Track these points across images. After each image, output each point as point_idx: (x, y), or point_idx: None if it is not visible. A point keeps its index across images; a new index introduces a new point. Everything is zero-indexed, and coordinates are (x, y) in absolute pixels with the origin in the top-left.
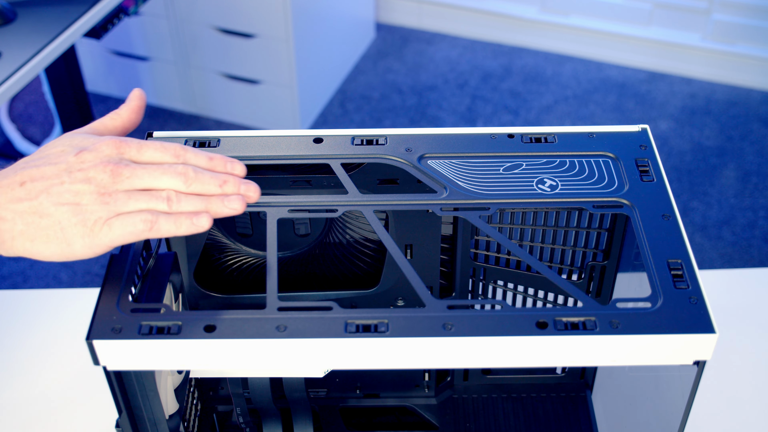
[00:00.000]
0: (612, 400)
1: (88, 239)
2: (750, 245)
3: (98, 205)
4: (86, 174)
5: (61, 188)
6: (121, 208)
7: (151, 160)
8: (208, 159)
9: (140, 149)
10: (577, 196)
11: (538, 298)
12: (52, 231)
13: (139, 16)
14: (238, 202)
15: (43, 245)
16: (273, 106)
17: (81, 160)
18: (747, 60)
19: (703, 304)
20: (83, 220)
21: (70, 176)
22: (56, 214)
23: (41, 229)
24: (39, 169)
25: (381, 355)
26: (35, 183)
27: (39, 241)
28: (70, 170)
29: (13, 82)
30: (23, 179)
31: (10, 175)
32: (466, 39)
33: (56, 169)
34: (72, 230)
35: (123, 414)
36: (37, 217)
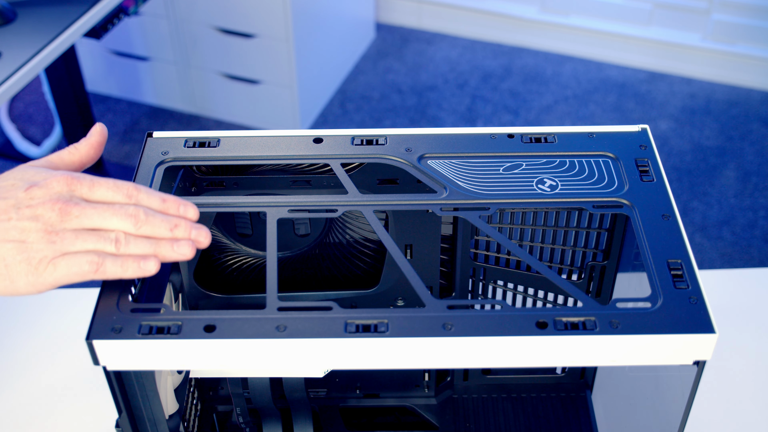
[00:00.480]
0: (612, 400)
1: (32, 277)
2: (750, 245)
3: (44, 244)
4: (34, 211)
5: (7, 224)
6: (68, 247)
7: (103, 199)
8: (161, 201)
9: (92, 187)
10: (577, 196)
11: (538, 298)
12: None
13: (139, 16)
14: (187, 248)
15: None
16: (273, 106)
17: (30, 196)
18: (747, 60)
19: (703, 304)
20: (28, 258)
21: (17, 212)
22: (1, 251)
23: None
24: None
25: (381, 355)
26: None
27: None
28: (18, 206)
29: (13, 82)
30: None
31: None
32: (466, 39)
33: (4, 204)
34: (16, 268)
35: (123, 414)
36: None
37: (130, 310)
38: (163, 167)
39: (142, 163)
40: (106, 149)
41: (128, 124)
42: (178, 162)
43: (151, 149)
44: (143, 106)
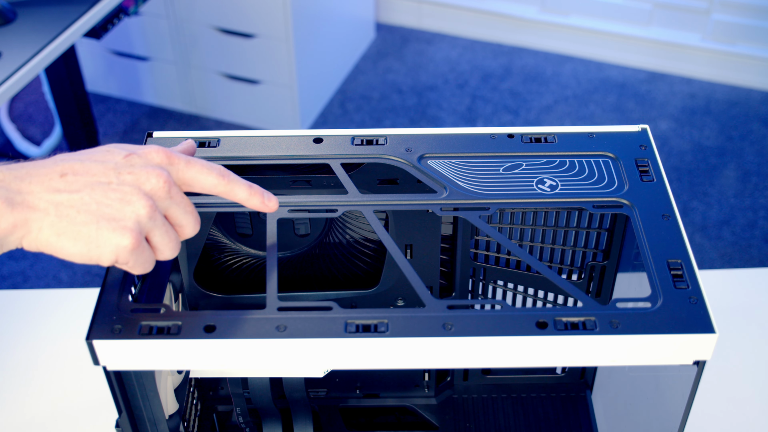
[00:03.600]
0: (612, 400)
1: (113, 244)
2: (750, 245)
3: (141, 211)
4: (136, 177)
5: (107, 187)
6: (152, 228)
7: (194, 179)
8: (248, 188)
9: (188, 164)
10: (577, 196)
11: (538, 298)
12: (86, 229)
13: (139, 16)
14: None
15: (70, 242)
16: (273, 106)
17: (130, 162)
18: (747, 60)
19: (703, 304)
20: (123, 226)
21: (118, 176)
22: (96, 212)
23: (74, 225)
24: (83, 164)
25: (381, 355)
26: (78, 177)
27: (67, 236)
28: (118, 170)
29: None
30: (64, 171)
31: (49, 165)
32: (466, 39)
33: (103, 167)
34: (107, 234)
35: (123, 414)
36: (74, 211)
37: (130, 310)
38: None
39: None
40: None
41: (128, 124)
42: None
43: None
44: (143, 106)
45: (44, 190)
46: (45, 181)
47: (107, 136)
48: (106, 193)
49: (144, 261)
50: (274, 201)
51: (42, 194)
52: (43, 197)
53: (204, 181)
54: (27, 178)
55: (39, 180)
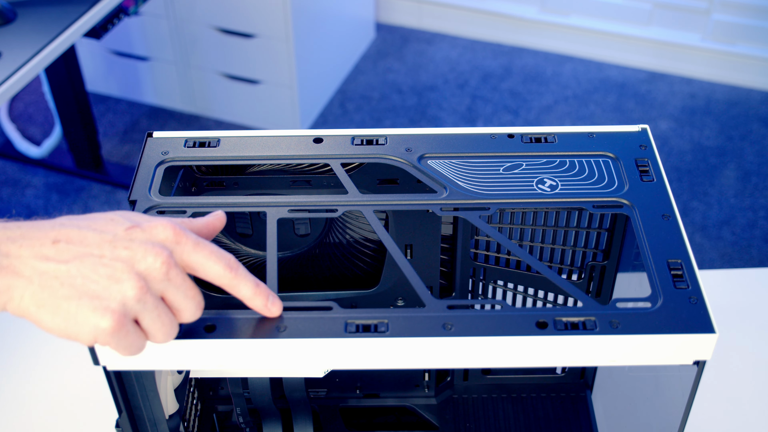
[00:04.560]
0: (612, 400)
1: (92, 325)
2: (750, 245)
3: (129, 293)
4: (132, 253)
5: (98, 261)
6: (142, 313)
7: (199, 265)
8: (255, 286)
9: (195, 247)
10: (577, 196)
11: (538, 298)
12: (66, 304)
13: (139, 16)
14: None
15: (49, 315)
16: (273, 106)
17: (130, 236)
18: (747, 60)
19: (703, 304)
20: (106, 306)
21: (113, 250)
22: (81, 287)
23: (55, 298)
24: (80, 232)
25: (381, 355)
26: (70, 246)
27: (46, 309)
28: (114, 243)
29: (13, 82)
30: (58, 237)
31: (45, 228)
32: (466, 39)
33: (100, 238)
34: (85, 310)
35: (123, 414)
36: (57, 283)
37: None
38: (163, 167)
39: (142, 163)
40: (106, 149)
41: (128, 124)
42: (179, 162)
43: (151, 149)
44: (143, 106)
45: (33, 256)
46: (36, 246)
47: (107, 136)
48: (95, 267)
49: (129, 345)
50: (278, 306)
51: (29, 260)
52: (29, 264)
53: (210, 269)
54: (19, 241)
55: (30, 244)
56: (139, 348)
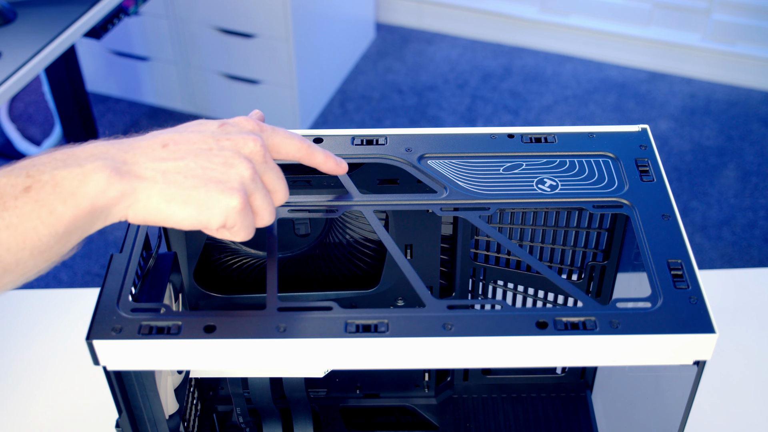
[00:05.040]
0: (612, 400)
1: (220, 207)
2: (750, 245)
3: (243, 173)
4: (234, 143)
5: (209, 153)
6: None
7: (279, 145)
8: (324, 152)
9: (273, 132)
10: (577, 196)
11: (538, 298)
12: (195, 192)
13: (139, 16)
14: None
15: (180, 206)
16: (273, 106)
17: (225, 130)
18: (747, 60)
19: (703, 304)
20: (230, 187)
21: (217, 143)
22: (203, 176)
23: (183, 189)
24: (182, 135)
25: (381, 355)
26: (179, 146)
27: (177, 201)
28: (216, 137)
29: (13, 82)
30: (165, 141)
31: (148, 138)
32: (466, 39)
33: (201, 136)
34: (216, 195)
35: (123, 414)
36: (181, 177)
37: (130, 310)
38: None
39: None
40: None
41: (128, 124)
42: None
43: None
44: (143, 106)
45: (149, 159)
46: (148, 152)
47: (107, 136)
48: (209, 158)
49: (249, 224)
50: (344, 164)
51: (147, 164)
52: (149, 166)
53: (289, 146)
54: (130, 150)
55: (142, 151)
56: (253, 229)
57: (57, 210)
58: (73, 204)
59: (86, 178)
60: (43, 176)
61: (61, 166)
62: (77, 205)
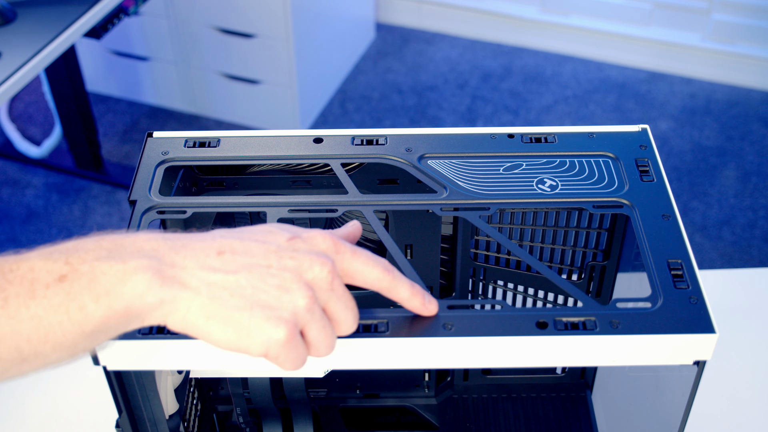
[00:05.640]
0: (612, 400)
1: (264, 336)
2: (750, 245)
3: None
4: (298, 263)
5: (266, 271)
6: (309, 322)
7: (357, 272)
8: (410, 287)
9: (353, 255)
10: (577, 196)
11: (538, 298)
12: (238, 315)
13: (139, 16)
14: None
15: (219, 327)
16: (273, 106)
17: (293, 247)
18: (747, 60)
19: (703, 304)
20: (278, 316)
21: (279, 260)
22: (251, 297)
23: (225, 309)
24: (243, 243)
25: (381, 355)
26: (236, 256)
27: (216, 320)
28: (280, 253)
29: (13, 82)
30: (222, 248)
31: (207, 239)
32: (466, 39)
33: (264, 248)
34: (259, 323)
35: (123, 414)
36: (227, 294)
37: None
38: (163, 167)
39: (142, 163)
40: (106, 149)
41: (128, 124)
42: (179, 162)
43: (151, 149)
44: (143, 106)
45: (199, 266)
46: (201, 257)
47: (107, 136)
48: (264, 277)
49: (296, 357)
50: (434, 304)
51: (195, 271)
52: (197, 275)
53: (368, 275)
54: (182, 251)
55: (194, 255)
56: (303, 362)
57: (87, 308)
58: (105, 304)
59: (125, 278)
60: (82, 266)
61: (104, 257)
62: (110, 306)
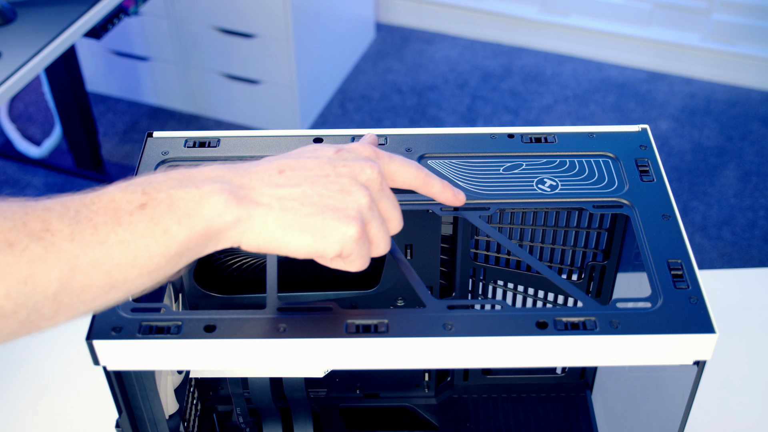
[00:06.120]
0: (612, 400)
1: (339, 233)
2: (750, 245)
3: (360, 201)
4: (351, 169)
5: (326, 180)
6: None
7: (396, 173)
8: (441, 182)
9: (390, 160)
10: (577, 196)
11: (538, 298)
12: (312, 220)
13: (139, 16)
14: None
15: (297, 234)
16: (273, 106)
17: (342, 156)
18: (747, 60)
19: (703, 304)
20: (348, 215)
21: (334, 169)
22: (320, 203)
23: (300, 217)
24: (298, 161)
25: (381, 355)
26: (296, 172)
27: (293, 229)
28: (333, 163)
29: (13, 82)
30: (281, 167)
31: (264, 164)
32: (466, 39)
33: (318, 162)
34: (333, 224)
35: (123, 414)
36: (298, 204)
37: (130, 310)
38: (163, 167)
39: (142, 163)
40: (106, 149)
41: (128, 124)
42: (179, 162)
43: (151, 149)
44: (143, 106)
45: (265, 185)
46: (265, 177)
47: (107, 136)
48: (326, 185)
49: (365, 254)
50: (462, 195)
51: (264, 189)
52: (266, 192)
53: (405, 174)
54: (247, 175)
55: (259, 176)
56: (368, 259)
57: (171, 230)
58: (188, 225)
59: (203, 200)
60: (159, 194)
61: (177, 186)
62: (192, 227)
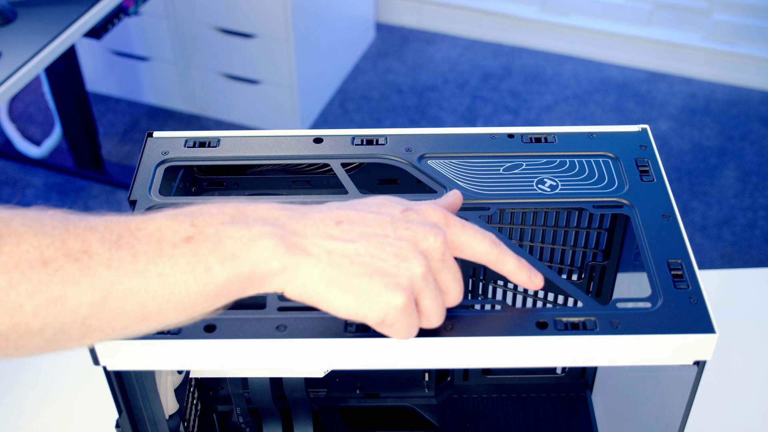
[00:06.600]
0: (612, 400)
1: (382, 303)
2: (750, 245)
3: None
4: (413, 233)
5: (383, 240)
6: (424, 291)
7: (466, 245)
8: (517, 261)
9: (462, 228)
10: (577, 196)
11: (538, 298)
12: (358, 281)
13: (139, 16)
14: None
15: (339, 293)
16: (273, 106)
17: (407, 218)
18: (747, 60)
19: (703, 304)
20: (396, 283)
21: (395, 230)
22: (370, 265)
23: (346, 276)
24: (359, 214)
25: (381, 355)
26: (354, 226)
27: (336, 287)
28: (395, 224)
29: (13, 82)
30: (340, 218)
31: (324, 210)
32: (466, 39)
33: (380, 219)
34: (377, 287)
35: (123, 414)
36: (347, 261)
37: None
38: (163, 167)
39: (142, 163)
40: (106, 149)
41: (128, 124)
42: (179, 162)
43: (151, 149)
44: (143, 106)
45: (319, 235)
46: (320, 226)
47: (107, 136)
48: (381, 246)
49: (410, 326)
50: (540, 278)
51: (316, 239)
52: (318, 243)
53: (476, 247)
54: (302, 220)
55: (315, 224)
56: (414, 331)
57: (213, 269)
58: (231, 267)
59: (251, 242)
60: (207, 229)
61: (228, 222)
62: (235, 269)
